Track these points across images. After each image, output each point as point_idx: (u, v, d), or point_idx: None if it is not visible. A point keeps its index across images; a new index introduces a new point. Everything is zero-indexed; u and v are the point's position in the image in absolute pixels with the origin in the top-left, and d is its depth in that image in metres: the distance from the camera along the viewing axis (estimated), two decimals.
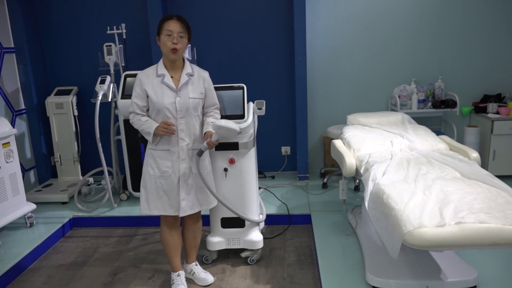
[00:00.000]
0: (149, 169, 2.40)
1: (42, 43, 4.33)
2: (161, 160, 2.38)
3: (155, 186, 2.40)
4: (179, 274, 2.58)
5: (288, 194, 3.89)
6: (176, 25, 2.27)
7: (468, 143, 3.91)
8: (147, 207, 2.44)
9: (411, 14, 4.07)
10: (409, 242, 1.78)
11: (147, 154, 2.43)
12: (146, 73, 2.37)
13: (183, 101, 2.33)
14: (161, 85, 2.32)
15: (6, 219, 3.17)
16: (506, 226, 1.73)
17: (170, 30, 2.26)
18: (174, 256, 2.57)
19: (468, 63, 4.14)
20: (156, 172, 2.39)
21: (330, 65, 4.23)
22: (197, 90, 2.39)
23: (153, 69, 2.38)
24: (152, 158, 2.40)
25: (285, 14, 4.10)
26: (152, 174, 2.40)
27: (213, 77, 4.23)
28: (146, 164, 2.43)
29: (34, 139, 4.24)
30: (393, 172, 2.32)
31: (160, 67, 2.36)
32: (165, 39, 2.27)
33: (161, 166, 2.38)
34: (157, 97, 2.31)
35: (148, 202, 2.43)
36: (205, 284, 2.63)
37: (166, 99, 2.31)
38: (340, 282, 2.41)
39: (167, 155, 2.38)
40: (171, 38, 2.26)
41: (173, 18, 2.28)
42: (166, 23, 2.28)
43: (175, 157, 2.38)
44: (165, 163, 2.38)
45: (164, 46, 2.29)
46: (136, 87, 2.36)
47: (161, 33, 2.29)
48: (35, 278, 2.84)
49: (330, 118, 4.32)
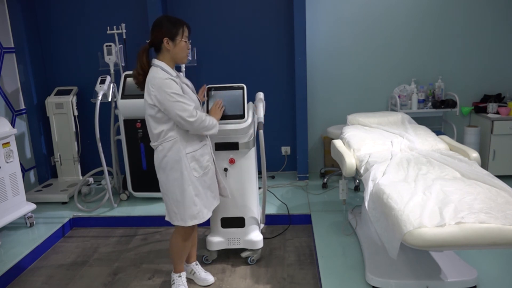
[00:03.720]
0: (194, 173, 2.32)
1: (42, 43, 4.33)
2: (202, 157, 2.37)
3: (203, 186, 2.39)
4: (180, 275, 2.56)
5: (288, 194, 3.89)
6: (189, 32, 2.31)
7: (468, 143, 3.91)
8: (201, 216, 2.37)
9: (411, 14, 4.07)
10: (409, 242, 1.78)
11: (187, 160, 2.28)
12: (170, 75, 2.22)
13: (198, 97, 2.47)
14: (182, 85, 2.27)
15: (6, 219, 3.17)
16: (506, 226, 1.73)
17: (188, 37, 2.29)
18: (180, 260, 2.53)
19: (468, 63, 4.14)
20: (199, 172, 2.35)
21: (330, 65, 4.23)
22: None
23: (168, 71, 2.24)
24: (195, 161, 2.32)
25: (285, 14, 4.10)
26: (198, 176, 2.34)
27: (213, 77, 4.27)
28: (189, 170, 2.30)
29: (34, 139, 4.24)
30: (393, 172, 2.32)
31: (171, 70, 2.27)
32: (185, 45, 2.26)
33: (203, 163, 2.38)
34: (192, 97, 2.32)
35: (200, 211, 2.36)
36: (206, 284, 2.64)
37: (193, 96, 2.35)
38: (340, 282, 2.41)
39: (205, 149, 2.42)
40: (188, 45, 2.29)
41: (187, 24, 2.29)
42: (184, 29, 2.25)
43: (209, 148, 2.47)
44: (205, 158, 2.40)
45: (182, 51, 2.26)
46: (176, 87, 2.18)
47: (178, 38, 2.22)
48: (35, 278, 2.84)
49: (330, 118, 4.32)
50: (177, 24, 2.24)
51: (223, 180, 2.66)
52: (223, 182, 2.63)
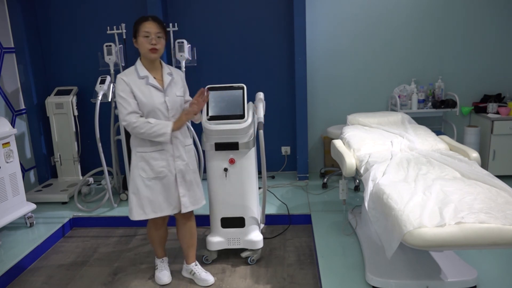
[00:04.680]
0: (141, 173, 2.38)
1: (42, 43, 4.33)
2: (155, 161, 2.37)
3: (149, 188, 2.39)
4: (162, 260, 2.72)
5: (288, 194, 3.89)
6: (153, 25, 2.27)
7: (468, 143, 3.91)
8: (142, 212, 2.41)
9: (411, 14, 4.07)
10: (409, 242, 1.78)
11: (136, 158, 2.39)
12: (127, 74, 2.34)
13: (172, 100, 2.36)
14: (147, 86, 2.31)
15: (6, 219, 3.17)
16: (506, 226, 1.73)
17: (148, 32, 2.26)
18: (158, 247, 2.69)
19: (468, 63, 4.14)
20: (149, 174, 2.38)
21: (330, 65, 4.23)
22: (180, 89, 2.45)
23: (133, 71, 2.35)
24: (144, 161, 2.37)
25: (285, 14, 4.10)
26: (145, 177, 2.38)
27: (213, 77, 4.27)
28: (136, 168, 2.39)
29: (34, 139, 4.24)
30: (393, 172, 2.32)
31: (141, 69, 2.34)
32: (143, 40, 2.27)
33: (155, 167, 2.37)
34: (146, 98, 2.29)
35: (142, 207, 2.40)
36: (206, 285, 2.64)
37: (156, 100, 2.31)
38: (340, 282, 2.41)
39: (161, 155, 2.37)
40: (149, 40, 2.26)
41: (149, 19, 2.28)
42: (143, 24, 2.27)
43: (169, 156, 2.39)
44: (159, 163, 2.37)
45: (143, 47, 2.28)
46: (123, 88, 2.28)
47: (138, 35, 2.28)
48: (35, 278, 2.84)
49: (330, 118, 4.32)
50: (137, 22, 2.30)
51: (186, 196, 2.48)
52: (186, 201, 2.46)
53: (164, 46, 2.37)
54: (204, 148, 2.73)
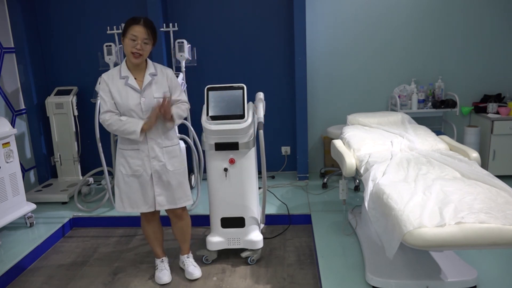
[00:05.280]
0: (121, 168, 2.46)
1: (42, 43, 4.33)
2: (132, 160, 2.44)
3: (128, 184, 2.47)
4: (162, 260, 2.75)
5: (288, 194, 3.89)
6: (142, 30, 2.27)
7: (468, 143, 3.91)
8: (122, 205, 2.52)
9: (411, 14, 4.07)
10: (409, 242, 1.78)
11: (118, 153, 2.48)
12: (110, 74, 2.39)
13: (148, 101, 2.36)
14: (125, 87, 2.35)
15: (6, 219, 3.17)
16: (506, 226, 1.73)
17: (135, 36, 2.27)
18: (156, 246, 2.72)
19: (468, 63, 4.14)
20: (128, 171, 2.45)
21: (330, 65, 4.23)
22: (161, 89, 2.40)
23: (117, 71, 2.40)
24: (123, 158, 2.45)
25: (285, 14, 4.10)
26: (124, 173, 2.46)
27: (213, 77, 4.27)
28: (118, 163, 2.48)
29: (34, 139, 4.24)
30: (393, 172, 2.32)
31: (124, 69, 2.38)
32: (129, 43, 2.29)
33: (132, 165, 2.44)
34: (121, 98, 2.33)
35: (122, 201, 2.51)
36: (191, 278, 2.69)
37: (131, 101, 2.34)
38: (340, 282, 2.41)
39: (137, 154, 2.43)
40: (135, 44, 2.28)
41: (140, 23, 2.28)
42: (132, 27, 2.28)
43: (145, 156, 2.42)
44: (135, 162, 2.44)
45: (127, 49, 2.31)
46: (103, 87, 2.35)
47: (126, 36, 2.29)
48: (35, 278, 2.84)
49: (330, 118, 4.32)
50: (128, 22, 2.32)
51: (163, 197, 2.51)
52: (162, 200, 2.49)
53: (149, 51, 2.37)
54: (204, 148, 2.73)
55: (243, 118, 2.64)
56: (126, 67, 2.39)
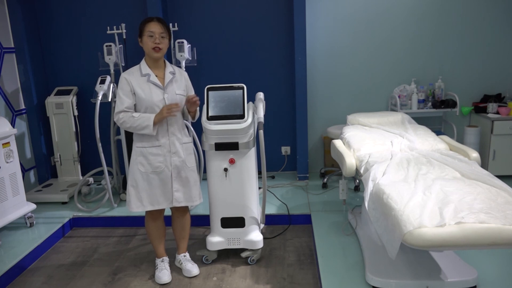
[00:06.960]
0: (140, 167, 2.50)
1: (42, 43, 4.33)
2: (153, 156, 2.48)
3: (148, 182, 2.50)
4: (163, 260, 2.75)
5: (288, 194, 3.89)
6: (157, 26, 2.41)
7: (468, 143, 3.91)
8: (140, 204, 2.53)
9: (411, 14, 4.07)
10: (409, 242, 1.78)
11: (135, 153, 2.51)
12: (130, 73, 2.47)
13: (171, 97, 2.47)
14: (148, 83, 2.44)
15: (6, 219, 3.17)
16: (506, 226, 1.73)
17: (152, 31, 2.39)
18: (158, 244, 2.74)
19: (468, 63, 4.14)
20: (148, 169, 2.49)
21: (330, 65, 4.23)
22: (181, 87, 2.54)
23: (136, 69, 2.49)
24: (142, 156, 2.49)
25: (285, 14, 4.10)
26: (143, 171, 2.49)
27: (213, 77, 4.27)
28: (135, 162, 2.51)
29: (34, 139, 4.24)
30: (393, 172, 2.32)
31: (144, 67, 2.47)
32: (148, 39, 2.40)
33: (153, 162, 2.48)
34: (145, 95, 2.42)
35: (140, 200, 2.53)
36: (189, 275, 2.72)
37: (155, 97, 2.43)
38: (340, 282, 2.41)
39: (159, 151, 2.49)
40: (153, 39, 2.39)
41: (154, 20, 2.42)
42: (147, 25, 2.41)
43: (166, 151, 2.49)
44: (157, 158, 2.48)
45: (147, 46, 2.42)
46: (123, 86, 2.43)
47: (143, 35, 2.41)
48: (35, 278, 2.84)
49: (330, 118, 4.32)
50: (142, 22, 2.44)
51: (180, 192, 2.58)
52: (179, 196, 2.56)
53: (168, 46, 2.48)
54: (204, 148, 2.73)
55: (243, 118, 2.64)
56: (146, 65, 2.47)
